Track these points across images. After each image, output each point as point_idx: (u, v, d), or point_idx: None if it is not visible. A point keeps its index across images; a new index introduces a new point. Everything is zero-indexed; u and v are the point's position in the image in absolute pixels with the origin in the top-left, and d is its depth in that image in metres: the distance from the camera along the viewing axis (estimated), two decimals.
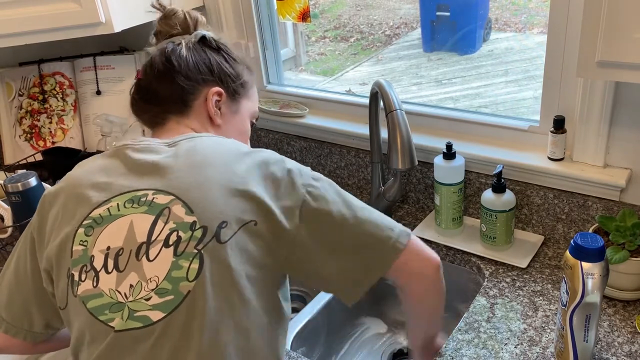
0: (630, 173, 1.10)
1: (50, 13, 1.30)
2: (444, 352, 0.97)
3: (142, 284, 0.71)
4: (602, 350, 0.94)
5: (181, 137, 0.84)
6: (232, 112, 0.95)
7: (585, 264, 0.81)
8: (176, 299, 0.70)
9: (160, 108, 0.90)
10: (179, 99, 0.90)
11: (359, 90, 3.58)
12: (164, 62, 0.90)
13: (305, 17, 1.50)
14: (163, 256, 0.72)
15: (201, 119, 0.91)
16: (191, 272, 0.71)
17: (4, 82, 1.69)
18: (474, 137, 1.31)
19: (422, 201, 1.39)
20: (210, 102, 0.91)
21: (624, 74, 0.83)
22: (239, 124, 0.97)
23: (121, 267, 0.73)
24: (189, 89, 0.90)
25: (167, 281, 0.71)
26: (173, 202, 0.74)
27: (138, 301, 0.71)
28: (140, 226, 0.74)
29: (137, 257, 0.73)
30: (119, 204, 0.76)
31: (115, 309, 0.72)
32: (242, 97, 0.97)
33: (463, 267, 1.23)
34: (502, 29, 4.06)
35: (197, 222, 0.72)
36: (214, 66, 0.92)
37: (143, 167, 0.79)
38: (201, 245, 0.72)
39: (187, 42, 0.93)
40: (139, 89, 0.92)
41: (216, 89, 0.91)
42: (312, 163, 1.56)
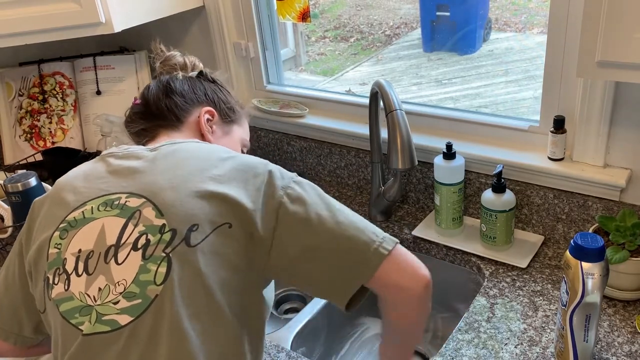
0: (630, 173, 1.10)
1: (50, 13, 1.30)
2: (444, 352, 0.97)
3: (110, 287, 0.71)
4: (602, 350, 0.94)
5: (164, 143, 0.85)
6: (223, 133, 0.99)
7: (585, 264, 0.81)
8: (144, 302, 0.70)
9: (153, 123, 0.95)
10: (172, 115, 0.94)
11: (359, 90, 3.58)
12: (162, 84, 0.97)
13: (305, 17, 1.50)
14: (131, 259, 0.71)
15: (193, 134, 0.95)
16: (159, 276, 0.70)
17: (4, 82, 1.69)
18: (474, 137, 1.31)
19: (422, 201, 1.39)
20: (202, 119, 0.95)
21: (624, 74, 0.83)
22: (230, 145, 0.98)
23: (90, 270, 0.73)
24: (182, 106, 0.95)
25: (135, 285, 0.70)
26: (144, 204, 0.74)
27: (106, 305, 0.71)
28: (111, 229, 0.74)
29: (106, 260, 0.72)
30: (93, 207, 0.77)
31: (85, 312, 0.72)
32: (234, 123, 1.02)
33: (463, 267, 1.23)
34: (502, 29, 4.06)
35: (167, 225, 0.72)
36: (208, 92, 1.00)
37: (121, 172, 0.80)
38: (169, 249, 0.71)
39: (184, 73, 1.02)
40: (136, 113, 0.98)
41: (208, 108, 0.97)
42: (312, 163, 1.56)
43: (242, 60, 1.63)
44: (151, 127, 0.95)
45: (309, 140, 1.54)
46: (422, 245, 1.28)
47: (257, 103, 1.60)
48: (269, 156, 1.66)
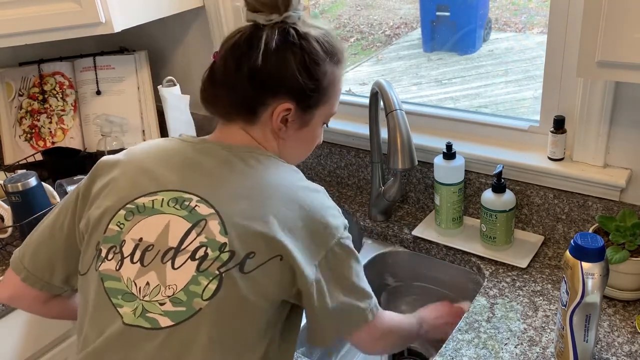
0: (630, 173, 1.10)
1: (50, 13, 1.30)
2: (444, 352, 0.97)
3: (160, 287, 0.74)
4: (602, 350, 0.94)
5: (243, 149, 0.84)
6: (300, 124, 0.88)
7: (585, 264, 0.81)
8: (187, 311, 0.73)
9: (228, 108, 0.87)
10: (247, 105, 0.85)
11: (359, 90, 3.58)
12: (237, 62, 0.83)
13: None
14: (186, 267, 0.74)
15: (265, 130, 0.87)
16: (207, 291, 0.73)
17: (4, 82, 1.69)
18: (474, 137, 1.31)
19: (422, 201, 1.39)
20: (276, 119, 0.85)
21: (624, 74, 0.83)
22: (306, 136, 0.91)
23: (145, 263, 0.76)
24: (257, 99, 0.85)
25: (183, 292, 0.73)
26: (212, 216, 0.76)
27: (153, 303, 0.74)
28: (175, 230, 0.76)
29: (163, 260, 0.75)
30: (164, 199, 0.78)
31: (127, 299, 0.75)
32: (316, 108, 0.89)
33: (463, 267, 1.23)
34: (502, 29, 4.06)
35: (228, 245, 0.74)
36: (289, 77, 0.83)
37: (197, 170, 0.81)
38: (224, 269, 0.73)
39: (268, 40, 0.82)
40: (211, 78, 0.88)
41: (285, 105, 0.84)
42: (312, 163, 1.56)
43: None
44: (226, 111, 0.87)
45: None
46: (422, 245, 1.28)
47: None
48: None
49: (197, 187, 0.79)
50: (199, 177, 0.80)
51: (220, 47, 0.87)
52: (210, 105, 0.89)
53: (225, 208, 0.76)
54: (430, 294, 1.31)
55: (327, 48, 0.86)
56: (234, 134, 0.87)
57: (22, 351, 1.24)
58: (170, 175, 0.81)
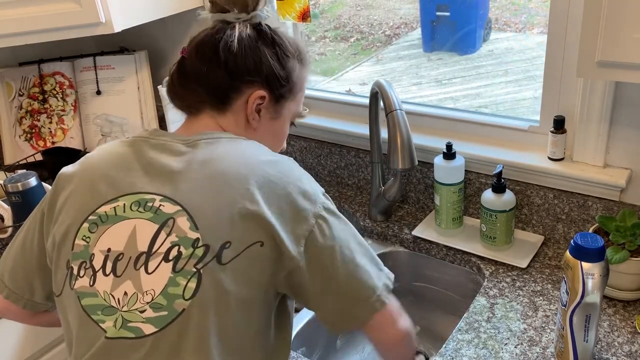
0: (630, 173, 1.10)
1: (50, 13, 1.30)
2: (444, 352, 0.97)
3: (137, 295, 0.71)
4: (602, 350, 0.94)
5: (202, 136, 0.81)
6: (272, 116, 0.89)
7: (585, 264, 0.81)
8: (169, 315, 0.70)
9: (198, 98, 0.86)
10: (219, 95, 0.85)
11: (359, 90, 3.58)
12: (213, 50, 0.83)
13: (305, 17, 1.50)
14: (161, 270, 0.71)
15: (237, 119, 0.86)
16: (187, 291, 0.70)
17: (4, 82, 1.69)
18: (474, 137, 1.31)
19: (422, 201, 1.39)
20: (251, 106, 0.85)
21: (624, 74, 0.83)
22: (276, 128, 0.92)
23: (118, 273, 0.73)
24: (232, 86, 0.84)
25: (162, 296, 0.70)
26: (179, 213, 0.73)
27: (132, 312, 0.71)
28: (143, 234, 0.73)
29: (135, 266, 0.72)
30: (126, 204, 0.75)
31: (107, 312, 0.72)
32: (287, 100, 0.90)
33: (463, 267, 1.23)
34: (502, 29, 4.06)
35: (200, 240, 0.71)
36: (264, 66, 0.85)
37: (155, 168, 0.78)
38: (201, 265, 0.71)
39: (242, 30, 0.85)
40: (181, 72, 0.88)
41: (260, 92, 0.85)
42: (312, 163, 1.56)
43: None
44: (195, 102, 0.86)
45: (309, 140, 1.54)
46: (422, 245, 1.28)
47: None
48: None
49: (158, 186, 0.76)
50: (157, 175, 0.77)
51: (189, 43, 0.87)
52: (180, 99, 0.88)
53: (190, 202, 0.73)
54: (430, 294, 1.31)
55: (294, 46, 0.90)
56: (201, 123, 0.85)
57: (21, 351, 1.24)
58: (128, 178, 0.78)
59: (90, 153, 0.84)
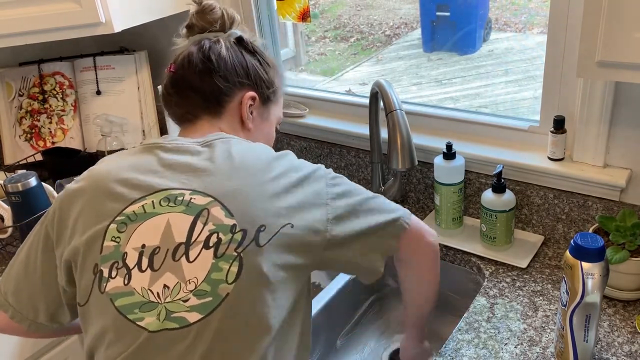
0: (630, 173, 1.10)
1: (50, 13, 1.30)
2: (444, 352, 0.97)
3: (180, 285, 0.72)
4: (602, 350, 0.94)
5: (213, 137, 0.84)
6: (262, 118, 0.96)
7: (585, 264, 0.81)
8: (214, 300, 0.71)
9: (194, 104, 0.90)
10: (214, 99, 0.90)
11: (359, 90, 3.58)
12: (203, 59, 0.89)
13: (305, 17, 1.50)
14: (203, 257, 0.72)
15: (232, 121, 0.91)
16: (230, 275, 0.72)
17: (4, 82, 1.69)
18: (474, 137, 1.31)
19: (422, 201, 1.39)
20: (245, 107, 0.91)
21: (624, 74, 0.83)
22: (266, 129, 0.98)
23: (156, 267, 0.73)
24: (225, 90, 0.90)
25: (206, 283, 0.71)
26: (212, 203, 0.75)
27: (176, 302, 0.71)
28: (179, 226, 0.74)
29: (174, 258, 0.73)
30: (154, 201, 0.76)
31: (146, 308, 0.72)
32: (273, 103, 0.98)
33: (463, 267, 1.23)
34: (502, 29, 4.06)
35: (237, 225, 0.74)
36: (250, 70, 0.92)
37: (177, 167, 0.79)
38: (241, 249, 0.73)
39: (225, 41, 0.92)
40: (174, 83, 0.91)
41: (251, 93, 0.92)
42: (312, 163, 1.56)
43: None
44: (191, 109, 0.90)
45: (309, 140, 1.54)
46: None
47: None
48: None
49: (185, 182, 0.77)
50: (182, 173, 0.79)
51: (174, 60, 0.93)
52: (178, 108, 0.92)
53: (221, 192, 0.76)
54: None
55: (271, 59, 0.99)
56: (201, 129, 0.89)
57: (21, 351, 1.24)
58: (151, 179, 0.78)
59: (94, 166, 0.84)
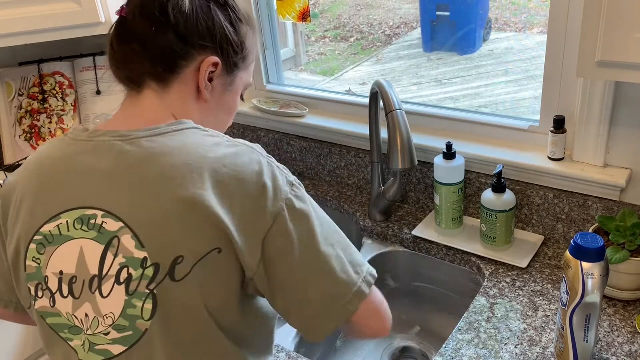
0: (630, 173, 1.10)
1: (50, 13, 1.30)
2: (444, 352, 0.97)
3: (98, 319, 0.69)
4: (602, 350, 0.94)
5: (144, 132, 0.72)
6: (224, 87, 0.82)
7: (585, 264, 0.81)
8: (135, 334, 0.68)
9: (142, 68, 0.76)
10: (166, 62, 0.75)
11: (359, 90, 3.58)
12: (159, 10, 0.74)
13: (305, 17, 1.50)
14: (116, 294, 0.67)
15: (186, 91, 0.77)
16: (145, 312, 0.67)
17: (4, 82, 1.69)
18: (474, 137, 1.31)
19: (422, 201, 1.39)
20: (203, 74, 0.77)
21: (624, 74, 0.83)
22: (229, 100, 0.84)
23: (76, 295, 0.70)
24: (181, 52, 0.75)
25: (123, 318, 0.68)
26: (122, 230, 0.67)
27: (97, 335, 0.69)
28: (91, 255, 0.69)
29: (91, 289, 0.69)
30: (69, 222, 0.70)
31: (74, 332, 0.71)
32: (240, 70, 0.83)
33: (463, 267, 1.23)
34: (502, 29, 4.06)
35: (149, 259, 0.65)
36: (217, 30, 0.77)
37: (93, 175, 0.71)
38: (153, 285, 0.66)
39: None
40: (121, 35, 0.77)
41: (213, 59, 0.77)
42: (312, 163, 1.56)
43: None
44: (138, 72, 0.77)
45: (309, 140, 1.54)
46: (422, 245, 1.28)
47: (257, 103, 1.60)
48: None
49: (99, 197, 0.69)
50: (96, 184, 0.70)
51: (128, 2, 0.77)
52: (121, 67, 0.78)
53: (133, 216, 0.67)
54: (430, 294, 1.31)
55: (245, 12, 0.83)
56: (143, 107, 0.77)
57: (21, 352, 1.24)
58: (66, 190, 0.71)
59: (30, 158, 0.78)
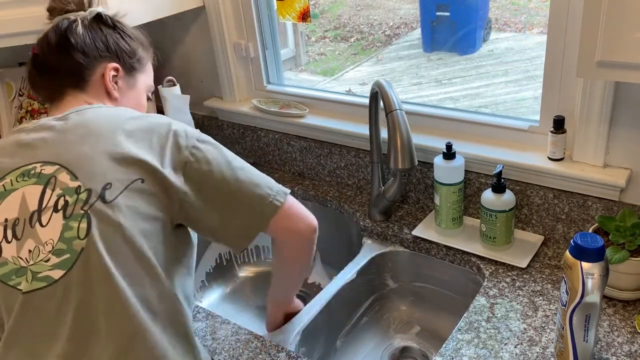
0: (630, 173, 1.10)
1: None
2: (444, 352, 0.97)
3: (39, 248, 0.79)
4: (602, 350, 0.94)
5: (72, 110, 0.89)
6: (128, 86, 1.00)
7: (585, 264, 0.81)
8: (72, 256, 0.78)
9: (58, 82, 0.95)
10: (76, 74, 0.94)
11: (359, 90, 3.58)
12: (60, 38, 0.94)
13: (305, 17, 1.50)
14: (54, 220, 0.79)
15: (98, 93, 0.96)
16: (81, 231, 0.78)
17: (4, 82, 1.69)
18: (474, 137, 1.31)
19: (422, 201, 1.39)
20: (108, 77, 0.96)
21: (624, 74, 0.83)
22: (136, 97, 1.03)
23: (19, 236, 0.80)
24: (85, 64, 0.94)
25: (61, 242, 0.78)
26: (58, 170, 0.81)
27: (38, 263, 0.79)
28: (32, 196, 0.81)
29: (31, 224, 0.80)
30: (12, 179, 0.83)
31: (21, 273, 0.79)
32: (139, 72, 1.03)
33: (463, 267, 1.23)
34: (502, 29, 4.06)
35: (82, 186, 0.80)
36: (111, 43, 0.97)
37: (33, 145, 0.85)
38: (87, 206, 0.79)
39: (83, 19, 0.97)
40: (35, 63, 0.96)
41: (113, 64, 0.97)
42: (312, 163, 1.56)
43: (242, 60, 1.63)
44: (55, 87, 0.95)
45: (309, 140, 1.54)
46: (422, 245, 1.28)
47: (257, 103, 1.60)
48: (268, 156, 1.66)
49: (37, 156, 0.83)
50: (36, 150, 0.85)
51: (37, 43, 0.96)
52: (43, 88, 0.97)
53: (67, 159, 0.82)
54: (430, 294, 1.31)
55: (136, 33, 1.03)
56: (68, 103, 0.94)
57: None
58: (11, 160, 0.85)
59: None
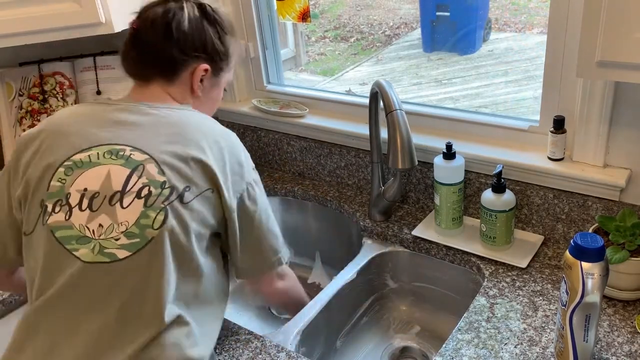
0: (630, 173, 1.10)
1: (50, 13, 1.30)
2: (444, 352, 0.97)
3: (114, 226, 0.83)
4: (602, 350, 0.94)
5: (165, 105, 0.95)
6: (212, 85, 1.05)
7: (585, 264, 0.81)
8: (141, 242, 0.83)
9: (149, 66, 0.99)
10: (168, 66, 0.98)
11: (359, 90, 3.58)
12: (166, 28, 0.96)
13: (305, 17, 1.50)
14: (134, 205, 0.84)
15: (183, 88, 1.00)
16: (156, 222, 0.84)
17: (4, 82, 1.69)
18: (474, 137, 1.31)
19: (422, 201, 1.39)
20: (197, 77, 1.00)
21: (624, 74, 0.84)
22: (215, 95, 1.08)
23: (94, 208, 0.84)
24: (180, 61, 0.98)
25: (135, 226, 0.84)
26: (148, 161, 0.86)
27: (108, 240, 0.83)
28: (117, 176, 0.85)
29: (111, 203, 0.84)
30: (99, 153, 0.87)
31: (82, 242, 0.83)
32: (224, 72, 1.06)
33: (463, 267, 1.23)
34: (502, 29, 4.07)
35: (167, 182, 0.86)
36: (208, 43, 1.00)
37: (124, 124, 0.90)
38: (167, 202, 0.85)
39: (190, 11, 0.99)
40: (135, 41, 0.99)
41: (205, 65, 1.00)
42: (312, 163, 1.56)
43: (242, 60, 1.63)
44: (147, 72, 0.99)
45: (309, 140, 1.54)
46: (422, 245, 1.28)
47: (257, 103, 1.60)
48: (268, 156, 1.66)
49: (127, 139, 0.88)
50: (126, 131, 0.90)
51: (139, 15, 0.99)
52: (135, 67, 1.00)
53: (157, 153, 0.87)
54: (430, 294, 1.31)
55: (228, 22, 1.05)
56: (154, 93, 0.98)
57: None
58: (99, 132, 0.89)
59: (52, 116, 0.96)
